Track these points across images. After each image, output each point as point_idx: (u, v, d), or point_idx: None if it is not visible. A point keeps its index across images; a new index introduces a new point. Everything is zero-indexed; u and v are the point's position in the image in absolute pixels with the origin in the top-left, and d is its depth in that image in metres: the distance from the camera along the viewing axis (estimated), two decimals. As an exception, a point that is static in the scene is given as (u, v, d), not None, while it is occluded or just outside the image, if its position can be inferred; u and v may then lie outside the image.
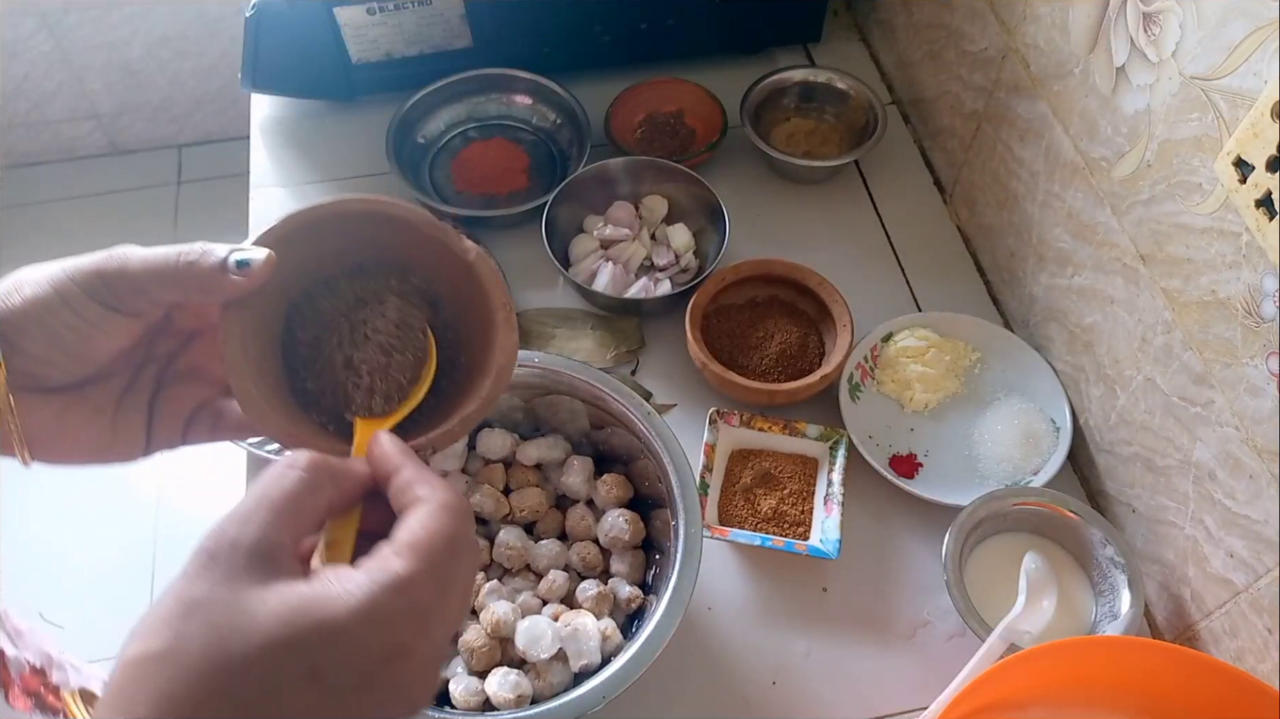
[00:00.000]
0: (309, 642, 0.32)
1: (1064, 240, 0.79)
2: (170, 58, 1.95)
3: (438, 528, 0.36)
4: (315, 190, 0.98)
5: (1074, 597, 0.72)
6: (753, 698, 0.70)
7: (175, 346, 0.48)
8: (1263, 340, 0.58)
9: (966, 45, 0.90)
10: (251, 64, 0.97)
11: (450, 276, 0.49)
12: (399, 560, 0.35)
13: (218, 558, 0.33)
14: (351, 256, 0.49)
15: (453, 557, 0.36)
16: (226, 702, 0.31)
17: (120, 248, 0.42)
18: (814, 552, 0.73)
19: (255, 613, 0.32)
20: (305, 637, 0.32)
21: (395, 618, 0.33)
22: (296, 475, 0.36)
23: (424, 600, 0.34)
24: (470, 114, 1.02)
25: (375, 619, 0.33)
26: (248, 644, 0.31)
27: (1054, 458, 0.78)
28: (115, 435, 0.46)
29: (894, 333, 0.85)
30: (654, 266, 0.91)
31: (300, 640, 0.32)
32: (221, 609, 0.32)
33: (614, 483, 0.72)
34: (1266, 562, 0.61)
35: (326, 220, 0.47)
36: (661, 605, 0.62)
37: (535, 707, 0.60)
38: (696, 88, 1.01)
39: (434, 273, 0.49)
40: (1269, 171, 0.54)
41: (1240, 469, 0.62)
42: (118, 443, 0.46)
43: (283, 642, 0.32)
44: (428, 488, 0.38)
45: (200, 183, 2.10)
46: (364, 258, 0.49)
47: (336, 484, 0.38)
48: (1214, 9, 0.58)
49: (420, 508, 0.37)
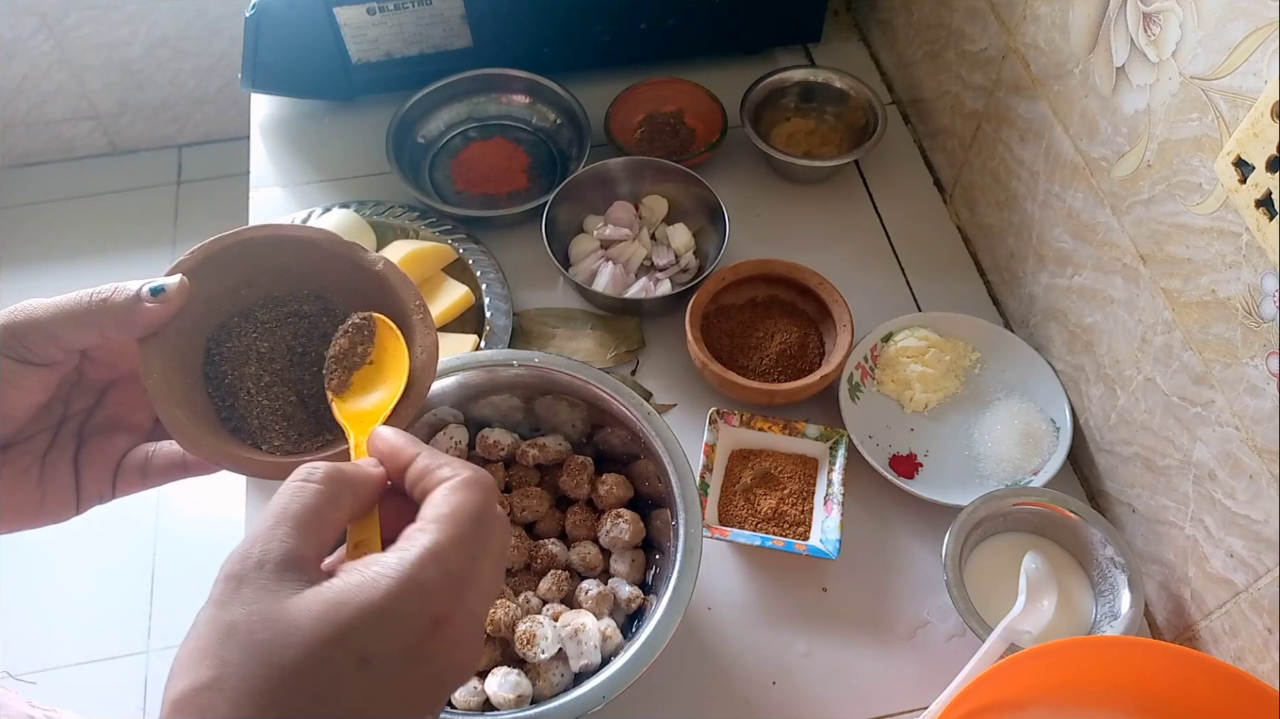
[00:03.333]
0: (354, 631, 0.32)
1: (1064, 240, 0.79)
2: (170, 58, 1.95)
3: (462, 500, 0.37)
4: (315, 190, 0.98)
5: (1074, 597, 0.72)
6: (753, 698, 0.70)
7: (92, 400, 0.48)
8: (1263, 340, 0.58)
9: (966, 45, 0.90)
10: (251, 64, 0.97)
11: (364, 289, 0.50)
12: (425, 535, 0.35)
13: (245, 579, 0.33)
14: (264, 285, 0.49)
15: (480, 525, 0.36)
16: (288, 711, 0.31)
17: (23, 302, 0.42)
18: (814, 552, 0.73)
19: (297, 620, 0.32)
20: (350, 627, 0.32)
21: (430, 588, 0.34)
22: (314, 489, 0.37)
23: (456, 568, 0.35)
24: (470, 114, 1.02)
25: (412, 593, 0.33)
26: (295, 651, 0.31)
27: (1054, 458, 0.78)
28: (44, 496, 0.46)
29: (894, 333, 0.85)
30: (654, 266, 0.91)
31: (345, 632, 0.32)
32: (260, 625, 0.32)
33: (614, 483, 0.72)
34: (1266, 562, 0.61)
35: (234, 249, 0.48)
36: (661, 605, 0.62)
37: (535, 707, 0.60)
38: (696, 88, 1.01)
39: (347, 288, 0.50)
40: (1269, 171, 0.54)
41: (1240, 469, 0.62)
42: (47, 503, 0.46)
43: (329, 639, 0.32)
44: (449, 468, 0.38)
45: (200, 183, 2.09)
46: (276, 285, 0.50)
47: (355, 491, 0.38)
48: (1214, 9, 0.58)
49: (444, 486, 0.38)
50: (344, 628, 0.32)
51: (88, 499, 0.48)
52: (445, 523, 0.36)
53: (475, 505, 0.37)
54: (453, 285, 0.89)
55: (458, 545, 0.35)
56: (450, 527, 0.36)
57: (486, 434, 0.74)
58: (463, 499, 0.37)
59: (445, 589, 0.34)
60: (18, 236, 1.97)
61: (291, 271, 0.50)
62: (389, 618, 0.33)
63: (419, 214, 0.93)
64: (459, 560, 0.35)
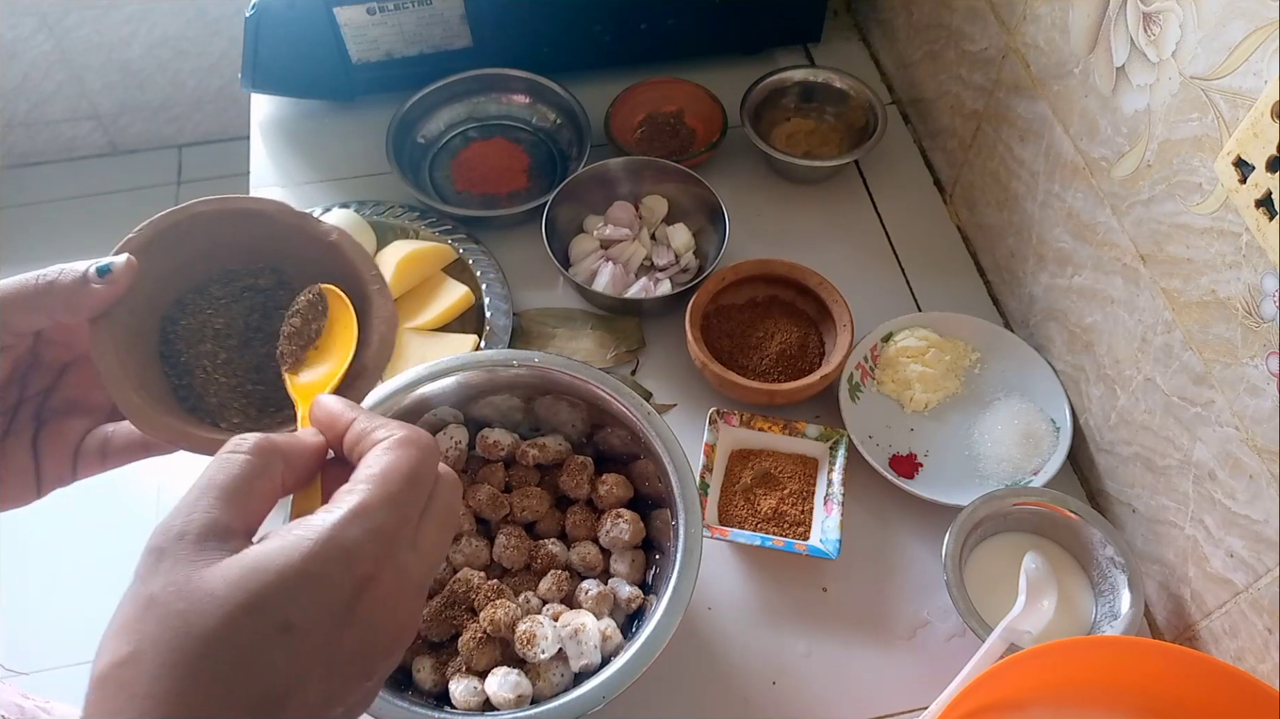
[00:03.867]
0: (273, 595, 0.31)
1: (1064, 240, 0.79)
2: (170, 58, 1.95)
3: (394, 459, 0.36)
4: (315, 190, 0.98)
5: (1074, 597, 0.72)
6: (753, 698, 0.70)
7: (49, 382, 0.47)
8: (1263, 340, 0.58)
9: (966, 45, 0.90)
10: (251, 64, 0.97)
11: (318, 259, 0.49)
12: (353, 496, 0.34)
13: (165, 551, 0.33)
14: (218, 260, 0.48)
15: (413, 483, 0.36)
16: (208, 682, 0.30)
17: None
18: (814, 552, 0.73)
19: (213, 588, 0.31)
20: (267, 591, 0.31)
21: (354, 548, 0.33)
22: (241, 459, 0.36)
23: (385, 528, 0.34)
24: (470, 114, 1.02)
25: (333, 553, 0.32)
26: (211, 619, 0.31)
27: (1054, 458, 0.78)
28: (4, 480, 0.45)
29: (894, 333, 0.85)
30: (654, 266, 0.91)
31: (263, 597, 0.31)
32: (177, 595, 0.31)
33: (614, 483, 0.72)
34: (1266, 562, 0.61)
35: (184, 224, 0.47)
36: (661, 605, 0.62)
37: (535, 707, 0.60)
38: (696, 88, 1.01)
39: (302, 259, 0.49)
40: (1269, 171, 0.54)
41: (1240, 469, 0.62)
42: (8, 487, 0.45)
43: (246, 605, 0.31)
44: (384, 429, 0.38)
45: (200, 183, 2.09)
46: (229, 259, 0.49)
47: (287, 460, 0.37)
48: (1214, 9, 0.58)
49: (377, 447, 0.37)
50: (261, 593, 0.31)
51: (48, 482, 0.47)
52: (374, 483, 0.35)
53: (408, 464, 0.36)
54: (453, 285, 0.89)
55: (387, 504, 0.34)
56: (379, 486, 0.35)
57: (486, 434, 0.74)
58: (395, 458, 0.36)
59: (371, 549, 0.33)
60: (18, 237, 1.97)
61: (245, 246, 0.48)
62: (310, 580, 0.32)
63: (419, 214, 0.93)
64: (388, 519, 0.34)
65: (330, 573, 0.32)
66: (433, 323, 0.86)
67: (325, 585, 0.32)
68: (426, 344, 0.85)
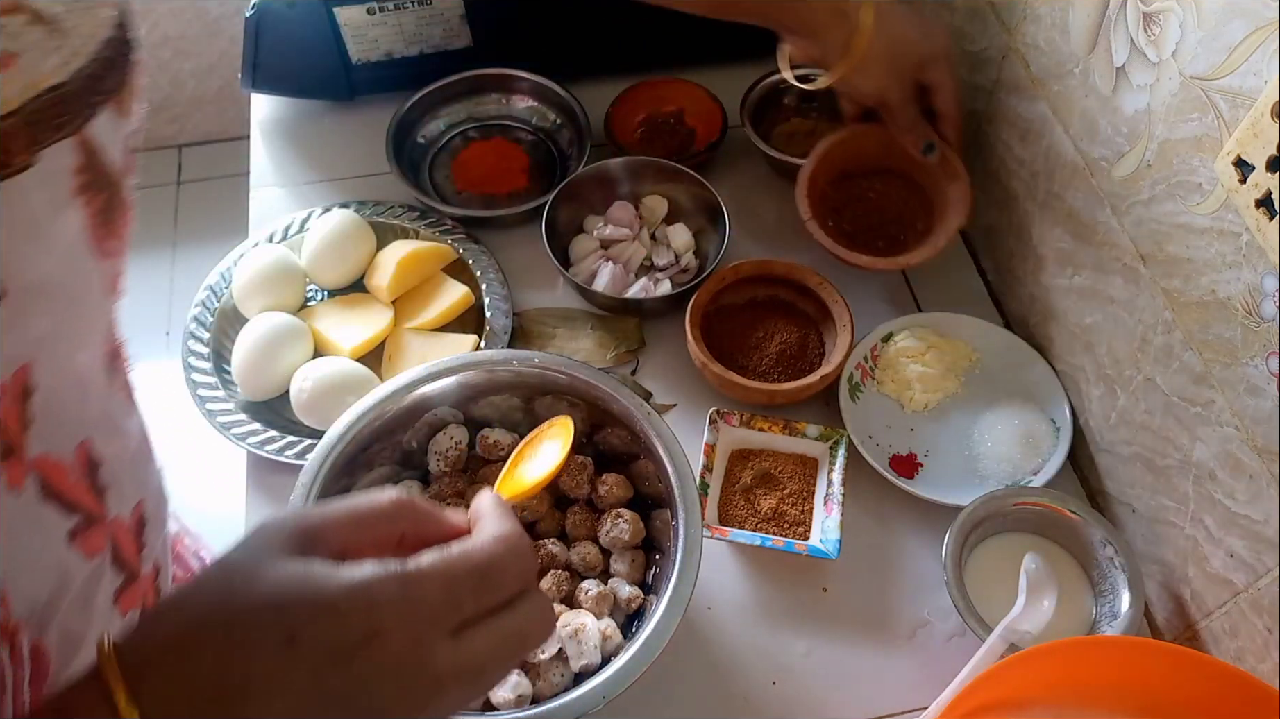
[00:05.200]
0: (294, 609, 0.33)
1: (1064, 240, 0.79)
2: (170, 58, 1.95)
3: (473, 546, 0.36)
4: (315, 190, 0.98)
5: (1074, 597, 0.72)
6: (753, 698, 0.70)
7: None
8: (1263, 340, 0.58)
9: (966, 45, 0.90)
10: (251, 64, 0.97)
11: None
12: (415, 559, 0.35)
13: (264, 530, 0.35)
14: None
15: (481, 577, 0.36)
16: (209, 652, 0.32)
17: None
18: (814, 552, 0.73)
19: (264, 577, 0.33)
20: (293, 603, 0.33)
21: (381, 601, 0.33)
22: (384, 500, 0.38)
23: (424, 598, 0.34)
24: (470, 114, 1.02)
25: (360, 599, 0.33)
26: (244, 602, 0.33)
27: (1054, 458, 0.78)
28: None
29: (894, 333, 0.85)
30: (654, 266, 0.91)
31: (286, 606, 0.33)
32: (239, 570, 0.34)
33: (614, 483, 0.72)
34: (1266, 562, 0.61)
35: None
36: (661, 605, 0.62)
37: (535, 707, 0.60)
38: (696, 88, 1.01)
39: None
40: (1269, 171, 0.54)
41: (1240, 469, 0.62)
42: None
43: (272, 604, 0.33)
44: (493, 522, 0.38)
45: (200, 183, 2.10)
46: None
47: (415, 522, 0.39)
48: (1214, 9, 0.58)
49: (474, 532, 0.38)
50: (286, 601, 0.33)
51: None
52: (440, 557, 0.35)
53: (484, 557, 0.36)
54: (453, 285, 0.89)
55: (438, 580, 0.35)
56: (443, 561, 0.35)
57: (486, 434, 0.74)
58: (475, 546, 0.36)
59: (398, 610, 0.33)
60: (18, 236, 1.97)
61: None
62: (327, 611, 0.33)
63: (419, 214, 0.93)
64: (430, 593, 0.34)
65: (348, 613, 0.33)
66: (433, 323, 0.86)
67: (339, 622, 0.33)
68: (426, 344, 0.85)
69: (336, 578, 0.33)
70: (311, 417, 0.79)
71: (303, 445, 0.78)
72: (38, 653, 0.39)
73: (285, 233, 0.92)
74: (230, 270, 0.89)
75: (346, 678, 0.33)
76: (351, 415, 0.69)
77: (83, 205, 0.37)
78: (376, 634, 0.33)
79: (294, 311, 0.87)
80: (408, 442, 0.73)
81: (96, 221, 0.39)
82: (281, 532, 0.35)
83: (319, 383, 0.79)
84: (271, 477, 0.78)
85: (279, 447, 0.78)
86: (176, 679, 0.32)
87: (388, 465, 0.73)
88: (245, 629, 0.32)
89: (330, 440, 0.68)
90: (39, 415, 0.37)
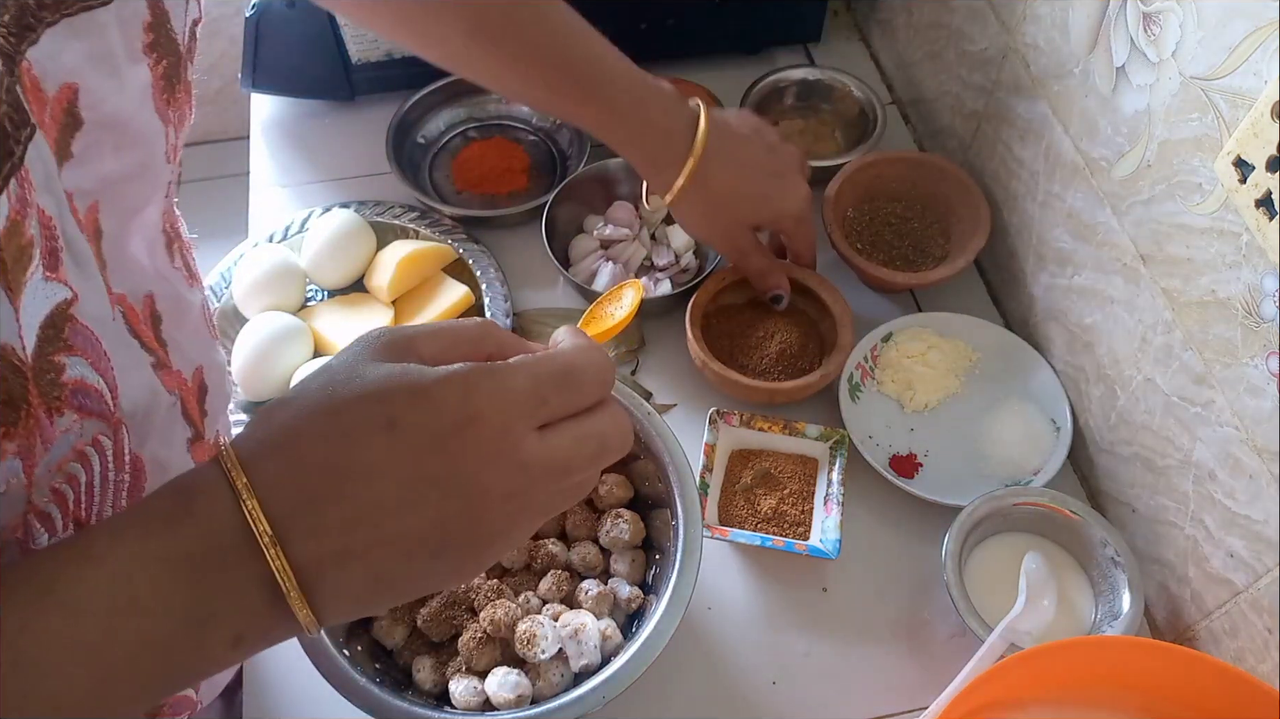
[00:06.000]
0: (394, 397, 0.35)
1: (1064, 240, 0.79)
2: (170, 58, 1.95)
3: (559, 350, 0.40)
4: (315, 190, 0.98)
5: (1074, 597, 0.72)
6: (753, 698, 0.70)
7: None
8: (1263, 340, 0.58)
9: (966, 45, 0.90)
10: (251, 64, 0.97)
11: None
12: (502, 362, 0.38)
13: (365, 340, 0.38)
14: None
15: (564, 375, 0.38)
16: (316, 439, 0.35)
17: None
18: (814, 552, 0.73)
19: (364, 374, 0.36)
20: (393, 392, 0.35)
21: (474, 389, 0.36)
22: (472, 322, 0.41)
23: (514, 386, 0.37)
24: (470, 114, 1.02)
25: (455, 386, 0.36)
26: (347, 394, 0.35)
27: (1054, 458, 0.78)
28: None
29: (894, 333, 0.85)
30: (654, 266, 0.91)
31: (387, 393, 0.35)
32: (341, 370, 0.37)
33: (614, 483, 0.72)
34: (1266, 562, 0.61)
35: None
36: (661, 605, 0.62)
37: (535, 707, 0.60)
38: (696, 87, 1.01)
39: None
40: (1269, 171, 0.54)
41: (1240, 469, 0.62)
42: None
43: (373, 393, 0.35)
44: (574, 338, 0.41)
45: (200, 183, 2.10)
46: None
47: (500, 345, 0.41)
48: (1214, 9, 0.58)
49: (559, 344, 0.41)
50: (387, 390, 0.35)
51: None
52: (526, 358, 0.38)
53: (567, 359, 0.39)
54: (453, 285, 0.89)
55: (526, 374, 0.37)
56: (530, 360, 0.38)
57: (486, 434, 0.74)
58: (560, 350, 0.40)
59: (489, 399, 0.36)
60: (18, 236, 1.97)
61: None
62: (425, 398, 0.35)
63: (419, 214, 0.93)
64: (520, 385, 0.37)
65: (445, 398, 0.35)
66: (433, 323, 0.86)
67: (436, 406, 0.35)
68: (426, 344, 0.85)
69: (433, 371, 0.36)
70: (311, 417, 0.79)
71: (303, 445, 0.78)
72: (137, 464, 0.42)
73: (285, 233, 0.92)
74: (230, 270, 0.89)
75: (443, 460, 0.35)
76: (351, 415, 0.69)
77: (152, 65, 0.41)
78: (470, 420, 0.35)
79: (294, 312, 0.87)
80: (408, 442, 0.73)
81: (161, 85, 0.42)
82: (379, 339, 0.38)
83: (319, 383, 0.79)
84: (271, 477, 0.78)
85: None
86: (287, 465, 0.35)
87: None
88: (350, 417, 0.35)
89: (330, 440, 0.68)
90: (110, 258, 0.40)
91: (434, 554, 0.36)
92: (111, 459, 0.40)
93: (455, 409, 0.35)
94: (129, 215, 0.43)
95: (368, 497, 0.35)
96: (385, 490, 0.35)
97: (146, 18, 0.40)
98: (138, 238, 0.45)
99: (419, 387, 0.35)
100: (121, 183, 0.41)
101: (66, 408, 0.36)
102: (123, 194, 0.42)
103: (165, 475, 0.40)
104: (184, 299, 0.51)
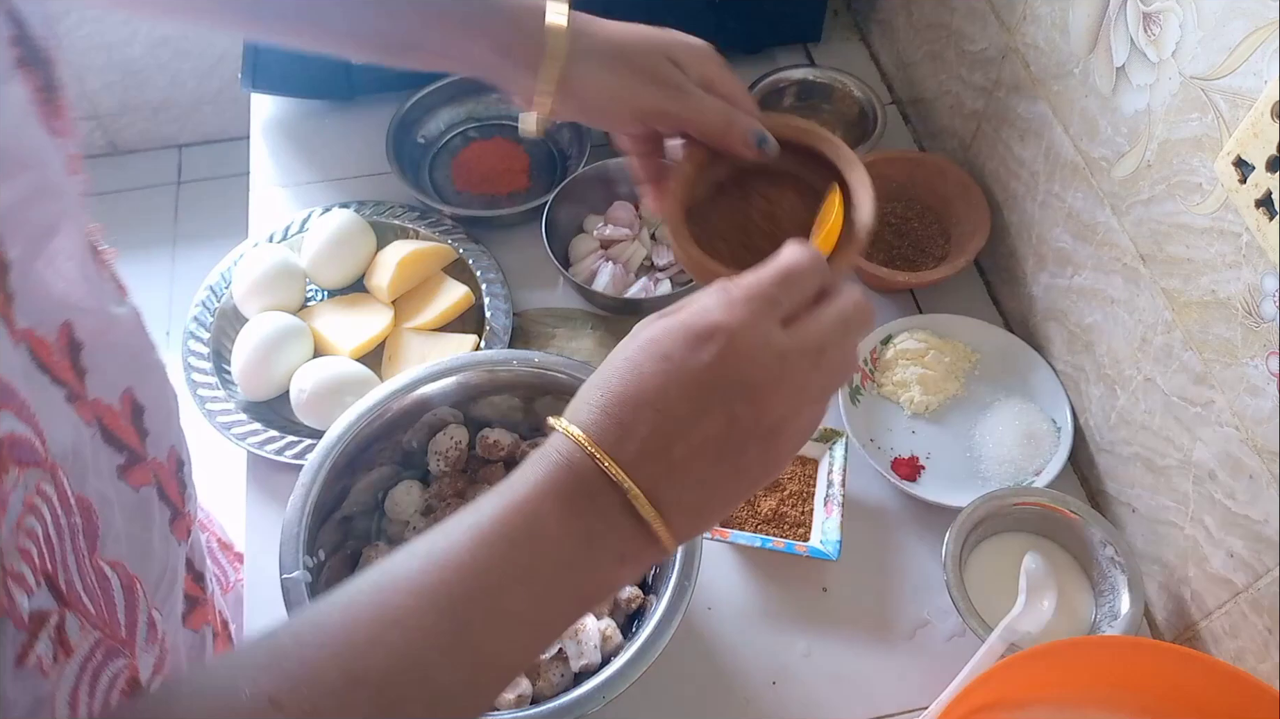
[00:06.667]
0: (664, 335, 0.42)
1: (1064, 240, 0.79)
2: (170, 58, 1.95)
3: (776, 262, 0.45)
4: (315, 190, 0.98)
5: (1074, 597, 0.72)
6: (753, 698, 0.70)
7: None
8: (1263, 340, 0.58)
9: (966, 45, 0.90)
10: (251, 64, 0.97)
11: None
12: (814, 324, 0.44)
13: (728, 289, 0.43)
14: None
15: (785, 279, 0.44)
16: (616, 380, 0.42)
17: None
18: (814, 553, 0.73)
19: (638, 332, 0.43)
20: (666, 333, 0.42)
21: (713, 310, 0.42)
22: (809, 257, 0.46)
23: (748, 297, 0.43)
24: (470, 114, 1.02)
25: (701, 313, 0.42)
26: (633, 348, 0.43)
27: (1055, 458, 0.78)
28: None
29: (893, 335, 0.85)
30: (654, 266, 0.91)
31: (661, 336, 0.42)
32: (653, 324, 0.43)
33: (614, 483, 0.72)
34: (1266, 561, 0.61)
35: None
36: (661, 605, 0.62)
37: (535, 707, 0.60)
38: (696, 88, 1.01)
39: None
40: (1269, 171, 0.54)
41: (1240, 469, 0.62)
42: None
43: (651, 338, 0.42)
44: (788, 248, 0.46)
45: (200, 183, 2.10)
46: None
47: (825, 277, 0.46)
48: (1214, 9, 0.58)
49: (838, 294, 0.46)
50: (663, 333, 0.42)
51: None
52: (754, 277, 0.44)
53: (784, 265, 0.44)
54: (453, 285, 0.89)
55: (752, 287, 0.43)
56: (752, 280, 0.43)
57: (486, 434, 0.74)
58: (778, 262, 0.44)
59: (729, 314, 0.42)
60: (18, 236, 1.97)
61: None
62: (684, 327, 0.42)
63: (419, 214, 0.93)
64: (756, 293, 0.43)
65: (695, 325, 0.42)
66: (433, 323, 0.86)
67: (693, 333, 0.42)
68: (426, 344, 0.85)
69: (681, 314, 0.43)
70: (311, 417, 0.79)
71: (303, 445, 0.78)
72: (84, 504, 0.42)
73: (285, 233, 0.92)
74: (230, 270, 0.89)
75: (713, 371, 0.41)
76: (351, 415, 0.69)
77: (23, 80, 0.40)
78: (722, 333, 0.41)
79: (294, 311, 0.87)
80: (408, 442, 0.73)
81: (40, 98, 0.41)
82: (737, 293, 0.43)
83: (319, 383, 0.79)
84: (272, 477, 0.78)
85: (279, 447, 0.78)
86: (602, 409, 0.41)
87: (388, 465, 0.73)
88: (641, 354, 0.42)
89: (330, 440, 0.68)
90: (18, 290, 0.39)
91: (738, 450, 0.42)
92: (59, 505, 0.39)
93: (708, 331, 0.41)
94: (41, 239, 0.42)
95: (667, 416, 0.41)
96: (679, 408, 0.41)
97: (9, 32, 0.38)
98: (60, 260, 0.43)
99: (675, 324, 0.42)
100: (20, 209, 0.39)
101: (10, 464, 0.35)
102: (25, 220, 0.40)
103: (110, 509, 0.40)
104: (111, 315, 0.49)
